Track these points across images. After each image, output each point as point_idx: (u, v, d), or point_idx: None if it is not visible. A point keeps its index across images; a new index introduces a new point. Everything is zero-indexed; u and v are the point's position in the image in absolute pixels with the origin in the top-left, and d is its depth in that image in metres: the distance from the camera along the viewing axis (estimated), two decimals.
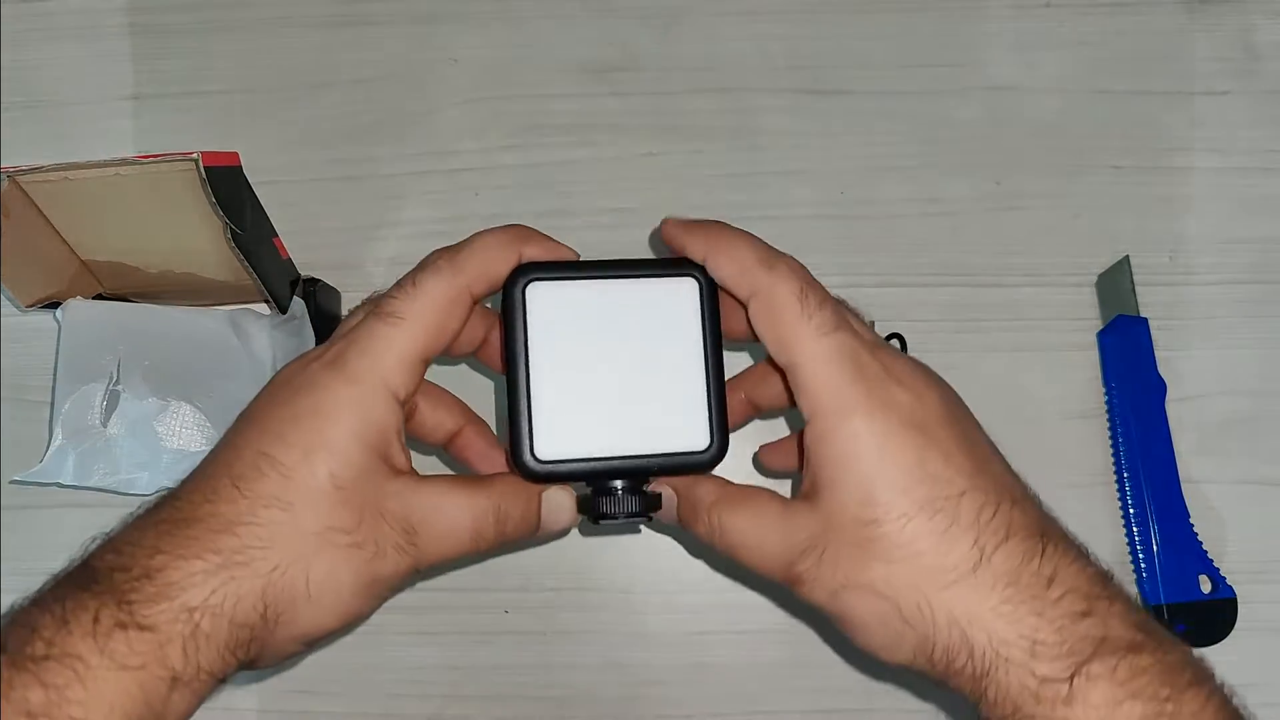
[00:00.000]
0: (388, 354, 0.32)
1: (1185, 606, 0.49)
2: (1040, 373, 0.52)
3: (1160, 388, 0.51)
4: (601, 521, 0.33)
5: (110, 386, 0.47)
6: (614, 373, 0.33)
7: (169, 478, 0.47)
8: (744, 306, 0.33)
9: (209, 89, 0.55)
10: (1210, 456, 0.51)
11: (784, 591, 0.32)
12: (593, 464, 0.32)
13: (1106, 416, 0.51)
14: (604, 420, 0.33)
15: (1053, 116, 0.54)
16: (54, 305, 0.48)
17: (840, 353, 0.31)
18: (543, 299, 0.33)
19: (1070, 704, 0.28)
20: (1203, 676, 0.30)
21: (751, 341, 0.34)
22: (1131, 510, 0.50)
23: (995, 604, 0.29)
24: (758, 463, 0.43)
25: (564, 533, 0.36)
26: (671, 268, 0.33)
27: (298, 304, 0.49)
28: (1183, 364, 0.51)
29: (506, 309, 0.33)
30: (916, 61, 0.54)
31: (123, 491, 0.48)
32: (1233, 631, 0.49)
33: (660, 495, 0.35)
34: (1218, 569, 0.49)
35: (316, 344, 0.50)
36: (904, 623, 0.30)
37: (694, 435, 0.33)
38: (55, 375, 0.48)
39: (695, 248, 0.34)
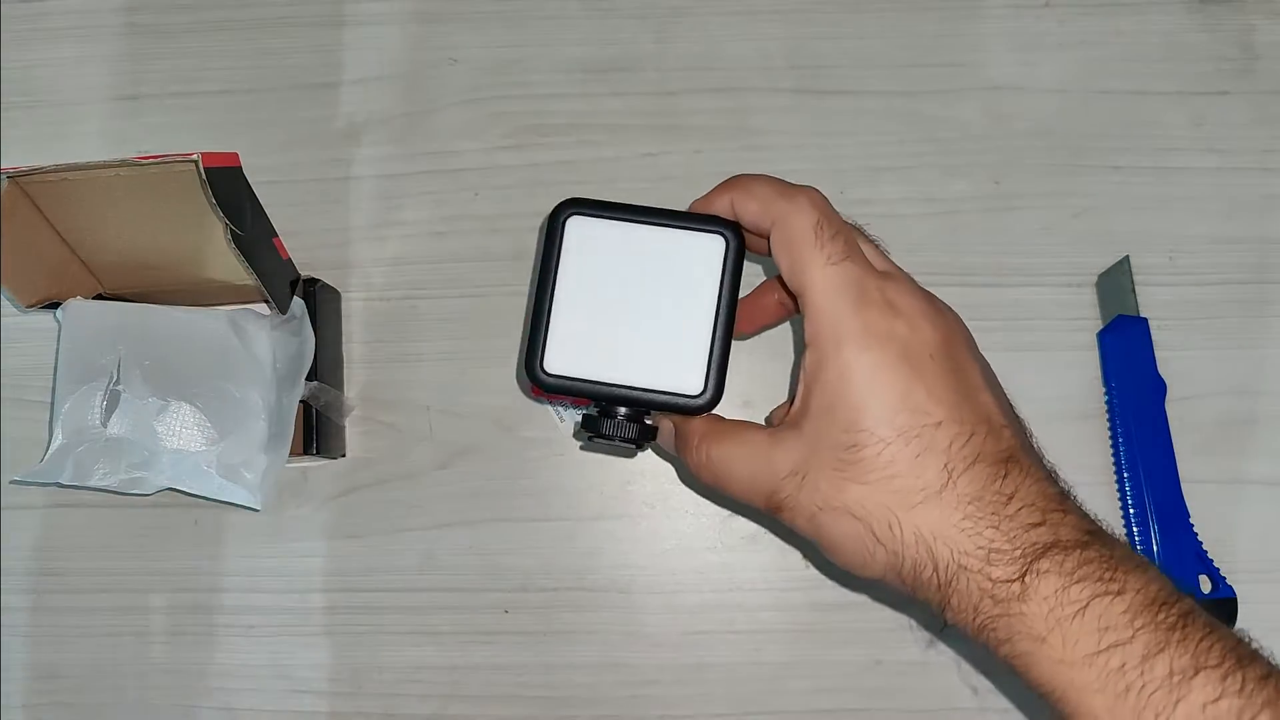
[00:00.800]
0: None
1: None
2: (1040, 373, 0.52)
3: (1160, 388, 0.51)
4: (596, 440, 0.36)
5: (110, 386, 0.47)
6: (630, 310, 0.35)
7: (169, 478, 0.47)
8: (768, 239, 0.35)
9: (208, 89, 0.55)
10: (1210, 456, 0.51)
11: (784, 590, 0.32)
12: (593, 386, 0.35)
13: (1106, 416, 0.51)
14: (611, 350, 0.35)
15: (1052, 116, 0.54)
16: (54, 305, 0.48)
17: (845, 282, 0.33)
18: (580, 232, 0.36)
19: (1024, 600, 0.30)
20: (1146, 564, 0.31)
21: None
22: (1131, 510, 0.50)
23: (958, 520, 0.31)
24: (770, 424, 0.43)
25: None
26: (707, 223, 0.35)
27: (298, 304, 0.49)
28: (1183, 364, 0.51)
29: (548, 236, 0.36)
30: (916, 61, 0.54)
31: (123, 492, 0.48)
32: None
33: (656, 429, 0.38)
34: (1218, 569, 0.49)
35: (316, 344, 0.50)
36: (876, 541, 0.32)
37: (691, 380, 0.35)
38: (55, 375, 0.48)
39: (721, 200, 0.36)
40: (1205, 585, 0.49)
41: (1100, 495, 0.51)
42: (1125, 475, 0.50)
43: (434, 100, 0.55)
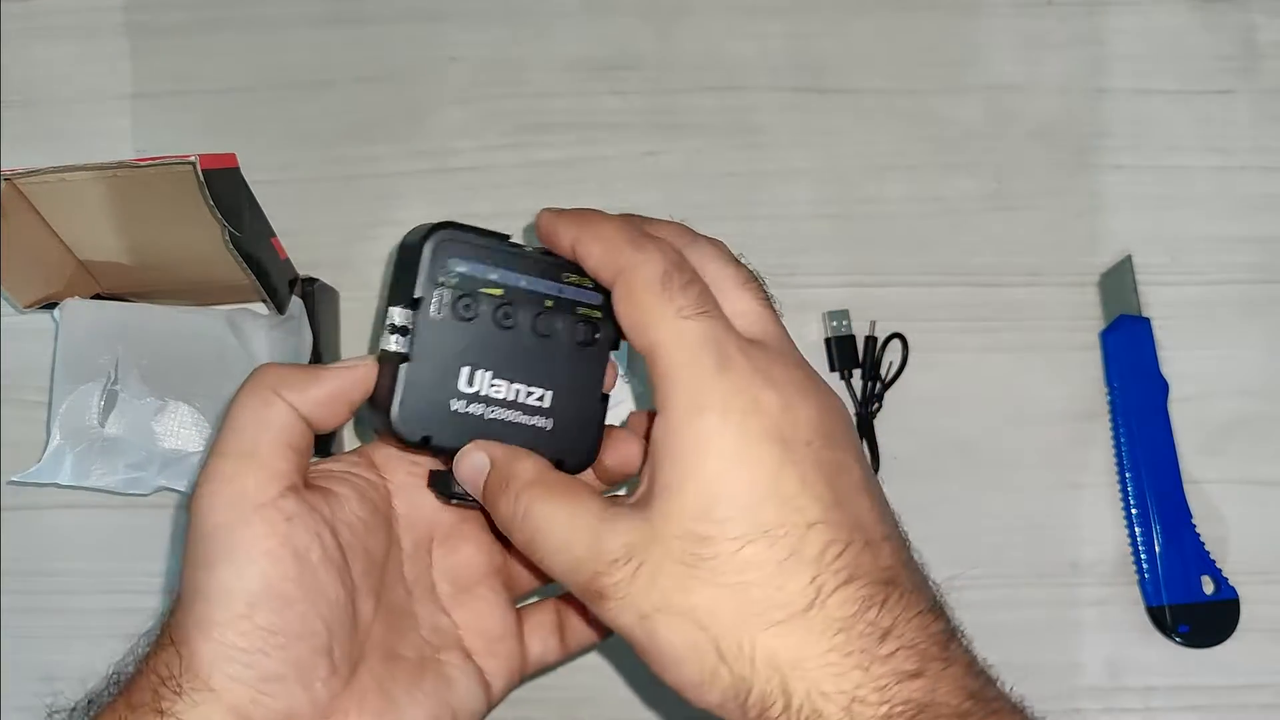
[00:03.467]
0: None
1: (1187, 607, 0.48)
2: (1042, 373, 0.52)
3: (1163, 388, 0.50)
4: (446, 497, 0.34)
5: (108, 386, 0.47)
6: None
7: (166, 478, 0.47)
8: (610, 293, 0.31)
9: (207, 88, 0.55)
10: (1213, 457, 0.51)
11: None
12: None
13: (1109, 416, 0.51)
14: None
15: (1055, 115, 0.54)
16: (52, 305, 0.48)
17: (703, 339, 0.28)
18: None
19: None
20: None
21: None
22: (1134, 510, 0.50)
23: (822, 651, 0.26)
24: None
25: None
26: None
27: (296, 304, 0.49)
28: (1185, 364, 0.51)
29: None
30: (918, 60, 0.54)
31: (121, 491, 0.48)
32: (1235, 632, 0.49)
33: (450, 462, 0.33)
34: (1220, 570, 0.49)
35: (315, 344, 0.50)
36: (720, 660, 0.27)
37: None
38: (53, 375, 0.48)
39: (563, 236, 0.31)
40: (1208, 586, 0.49)
41: (1102, 495, 0.51)
42: (1127, 475, 0.50)
43: (433, 99, 0.55)
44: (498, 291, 0.32)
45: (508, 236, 0.33)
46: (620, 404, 0.51)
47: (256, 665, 0.29)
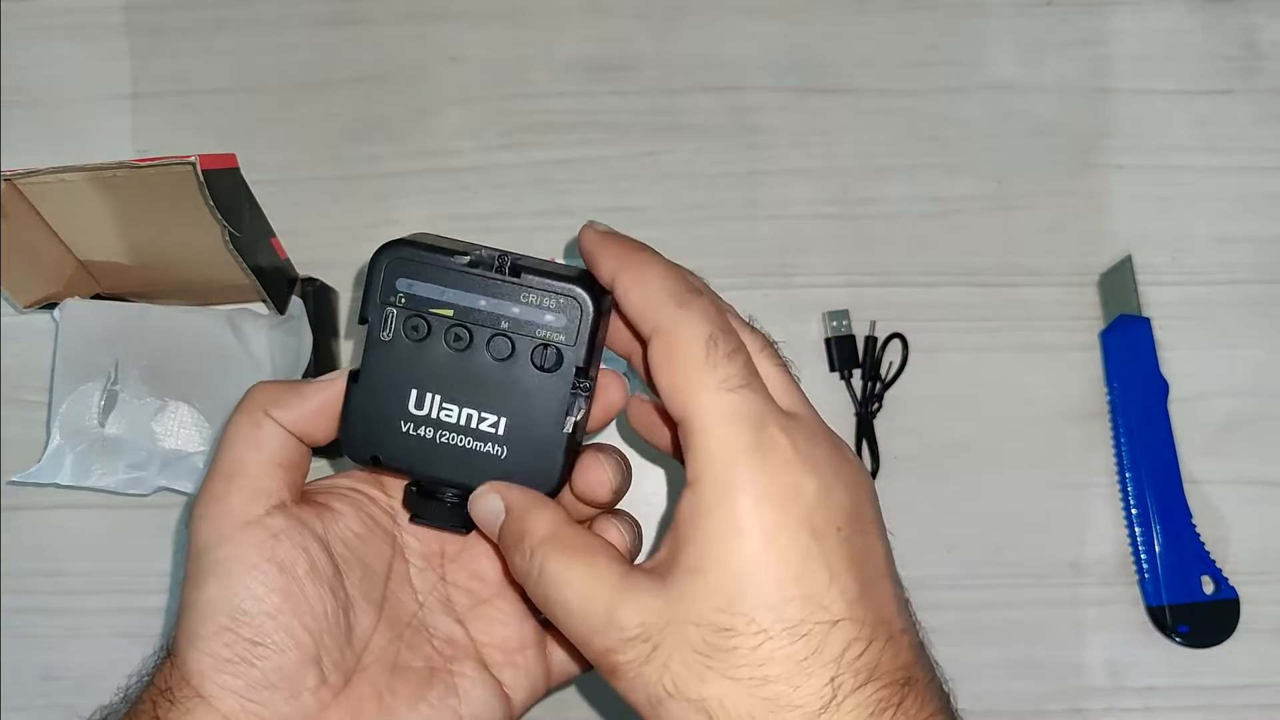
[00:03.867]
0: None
1: (1187, 607, 0.48)
2: (1042, 372, 0.52)
3: (1162, 388, 0.50)
4: (419, 521, 0.33)
5: (108, 386, 0.47)
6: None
7: (166, 478, 0.47)
8: (644, 344, 0.29)
9: (207, 88, 0.55)
10: (1213, 457, 0.51)
11: None
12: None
13: (1109, 416, 0.51)
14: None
15: (1055, 115, 0.54)
16: (52, 306, 0.48)
17: (743, 414, 0.27)
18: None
19: None
20: None
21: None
22: (1134, 511, 0.50)
23: None
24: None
25: None
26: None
27: (296, 304, 0.49)
28: (1185, 364, 0.51)
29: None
30: (918, 60, 0.54)
31: (121, 491, 0.48)
32: (1235, 632, 0.49)
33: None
34: (1220, 570, 0.49)
35: (314, 344, 0.50)
36: None
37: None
38: (53, 375, 0.48)
39: (604, 266, 0.30)
40: (1208, 586, 0.49)
41: (1102, 496, 0.51)
42: (1127, 475, 0.50)
43: (433, 99, 0.55)
44: (448, 312, 0.31)
45: (469, 252, 0.32)
46: None
47: (244, 675, 0.30)
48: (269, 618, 0.30)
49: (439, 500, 0.32)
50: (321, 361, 0.50)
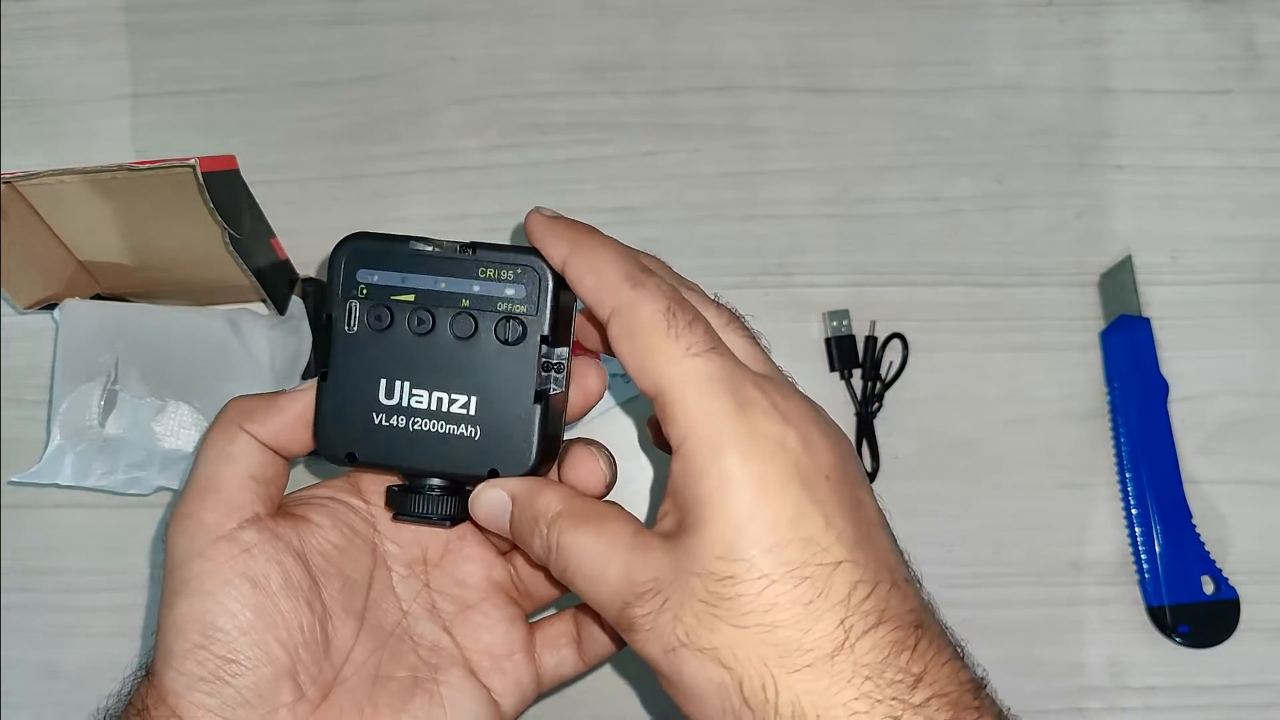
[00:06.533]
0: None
1: (1187, 607, 0.48)
2: (1042, 372, 0.52)
3: (1162, 388, 0.50)
4: (402, 518, 0.33)
5: (108, 386, 0.47)
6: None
7: (166, 478, 0.47)
8: (602, 329, 0.30)
9: (207, 87, 0.55)
10: (1213, 457, 0.51)
11: None
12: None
13: (1109, 416, 0.51)
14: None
15: (1054, 115, 0.54)
16: (52, 306, 0.48)
17: (715, 377, 0.27)
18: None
19: None
20: None
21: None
22: (1134, 511, 0.50)
23: (849, 699, 0.25)
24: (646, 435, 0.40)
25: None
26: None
27: (296, 304, 0.49)
28: (1185, 364, 0.51)
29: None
30: (918, 60, 0.54)
31: (121, 491, 0.48)
32: (1235, 632, 0.49)
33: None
34: (1220, 570, 0.49)
35: (314, 344, 0.50)
36: (743, 702, 0.26)
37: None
38: (53, 375, 0.48)
39: (553, 251, 0.31)
40: (1208, 586, 0.49)
41: (1102, 496, 0.51)
42: (1127, 475, 0.50)
43: (433, 99, 0.55)
44: (409, 297, 0.31)
45: (428, 242, 0.32)
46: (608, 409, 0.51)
47: (218, 693, 0.30)
48: (242, 634, 0.30)
49: (420, 493, 0.32)
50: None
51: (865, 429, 0.51)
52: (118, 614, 0.52)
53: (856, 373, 0.52)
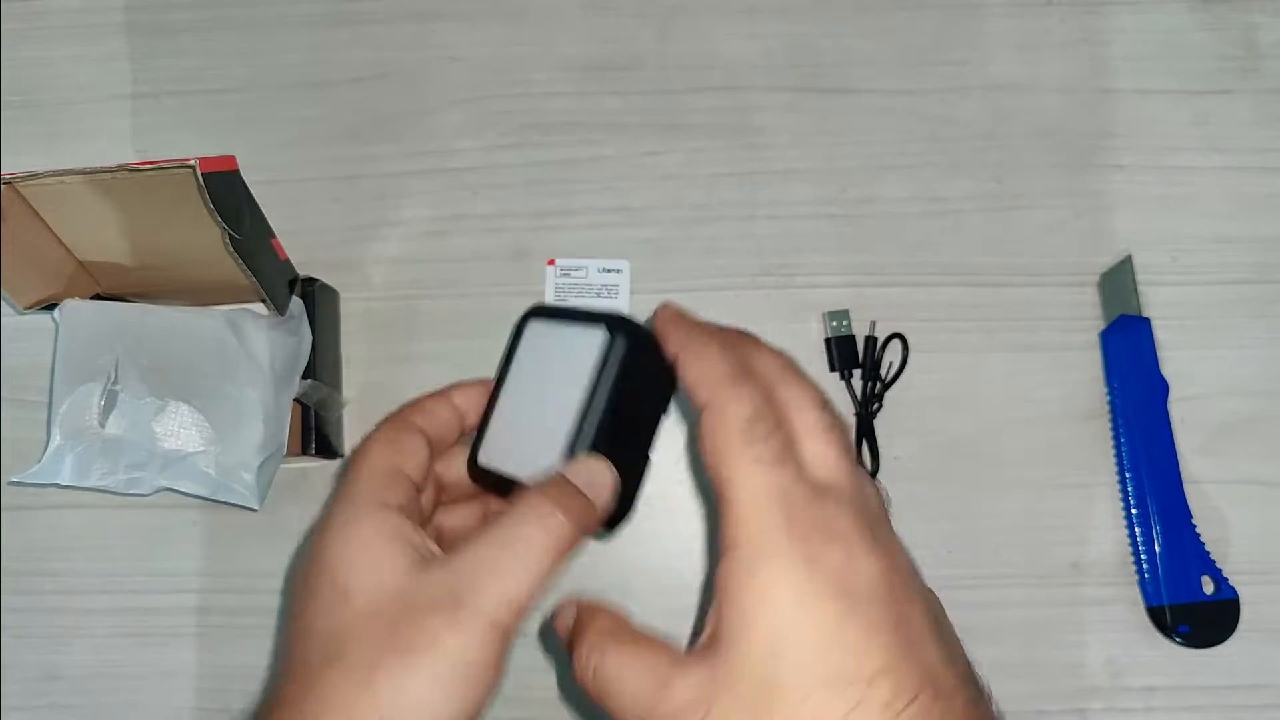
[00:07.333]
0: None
1: (1187, 607, 0.48)
2: (1042, 372, 0.52)
3: (1163, 388, 0.50)
4: None
5: (108, 386, 0.47)
6: (546, 407, 0.34)
7: (166, 478, 0.47)
8: (699, 415, 0.31)
9: (207, 88, 0.55)
10: (1213, 457, 0.51)
11: None
12: (509, 482, 0.34)
13: (1109, 416, 0.51)
14: (528, 447, 0.34)
15: (1054, 115, 0.54)
16: (52, 306, 0.48)
17: (773, 490, 0.28)
18: (534, 334, 0.35)
19: None
20: None
21: None
22: (1134, 511, 0.50)
23: None
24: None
25: (608, 508, 0.33)
26: (599, 319, 0.33)
27: (296, 304, 0.49)
28: (1185, 364, 0.51)
29: (511, 339, 0.36)
30: (918, 60, 0.54)
31: (121, 491, 0.47)
32: (1235, 632, 0.49)
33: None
34: (1220, 570, 0.49)
35: (314, 344, 0.50)
36: None
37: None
38: (53, 375, 0.48)
39: (670, 343, 0.32)
40: (1208, 586, 0.49)
41: (1102, 495, 0.51)
42: (1127, 475, 0.50)
43: (433, 99, 0.55)
44: None
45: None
46: None
47: None
48: None
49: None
50: (322, 362, 0.50)
51: (865, 429, 0.51)
52: (117, 615, 0.52)
53: (856, 373, 0.52)
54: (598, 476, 0.32)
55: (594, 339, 0.33)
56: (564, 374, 0.33)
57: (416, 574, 0.30)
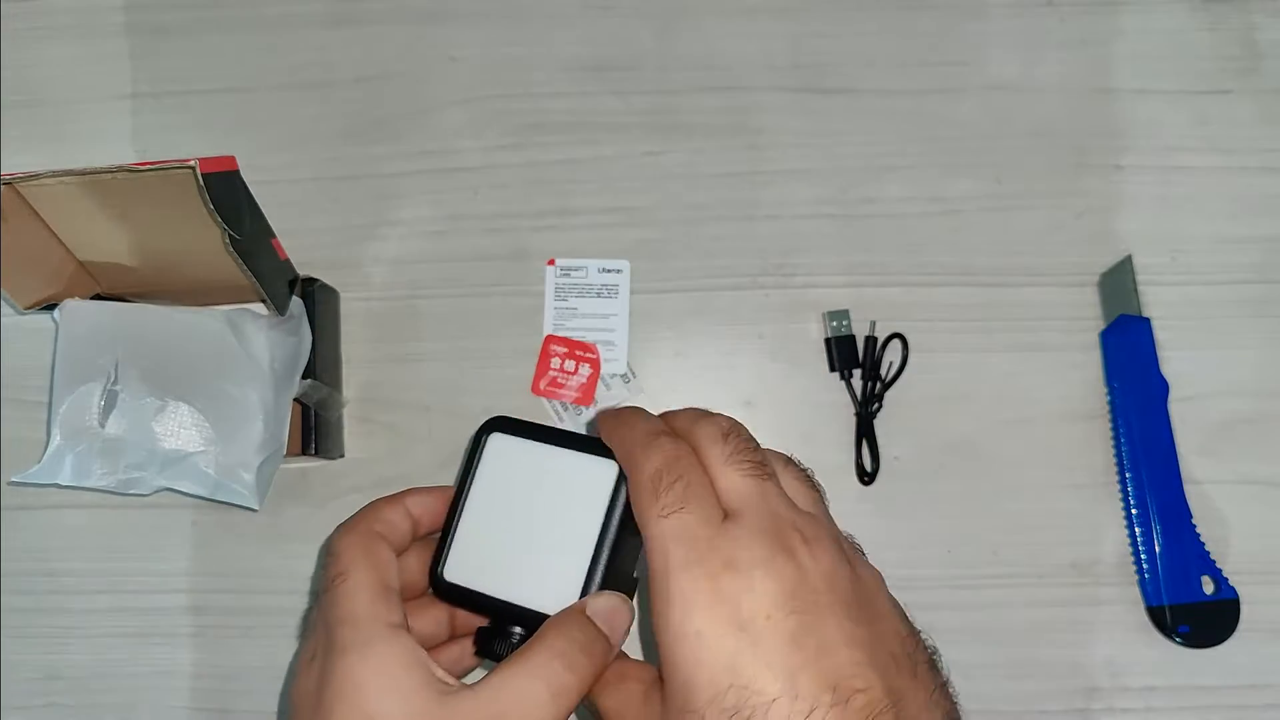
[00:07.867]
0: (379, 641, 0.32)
1: (1187, 607, 0.48)
2: (1042, 373, 0.52)
3: (1163, 388, 0.50)
4: (487, 658, 0.35)
5: (108, 387, 0.47)
6: (527, 527, 0.35)
7: (166, 478, 0.47)
8: None
9: (207, 88, 0.55)
10: (1213, 457, 0.51)
11: None
12: (481, 599, 0.34)
13: (1109, 416, 0.51)
14: (504, 565, 0.34)
15: (1054, 115, 0.54)
16: (52, 306, 0.48)
17: (679, 535, 0.30)
18: (497, 449, 0.35)
19: None
20: None
21: None
22: (1134, 511, 0.50)
23: None
24: None
25: (625, 633, 0.34)
26: (604, 450, 0.34)
27: (296, 304, 0.49)
28: (1185, 364, 0.51)
29: (469, 451, 0.36)
30: (918, 60, 0.54)
31: (121, 492, 0.47)
32: (1235, 632, 0.49)
33: None
34: (1220, 570, 0.49)
35: (314, 344, 0.50)
36: None
37: (567, 603, 0.33)
38: (53, 376, 0.48)
39: (604, 432, 0.34)
40: (1208, 586, 0.49)
41: (1102, 496, 0.51)
42: (1127, 475, 0.50)
43: (433, 99, 0.55)
44: None
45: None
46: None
47: None
48: None
49: (517, 640, 0.34)
50: (322, 362, 0.50)
51: (865, 429, 0.51)
52: (117, 615, 0.52)
53: (856, 373, 0.52)
54: (618, 619, 0.33)
55: (604, 472, 0.34)
56: (562, 503, 0.34)
57: (446, 703, 0.30)
